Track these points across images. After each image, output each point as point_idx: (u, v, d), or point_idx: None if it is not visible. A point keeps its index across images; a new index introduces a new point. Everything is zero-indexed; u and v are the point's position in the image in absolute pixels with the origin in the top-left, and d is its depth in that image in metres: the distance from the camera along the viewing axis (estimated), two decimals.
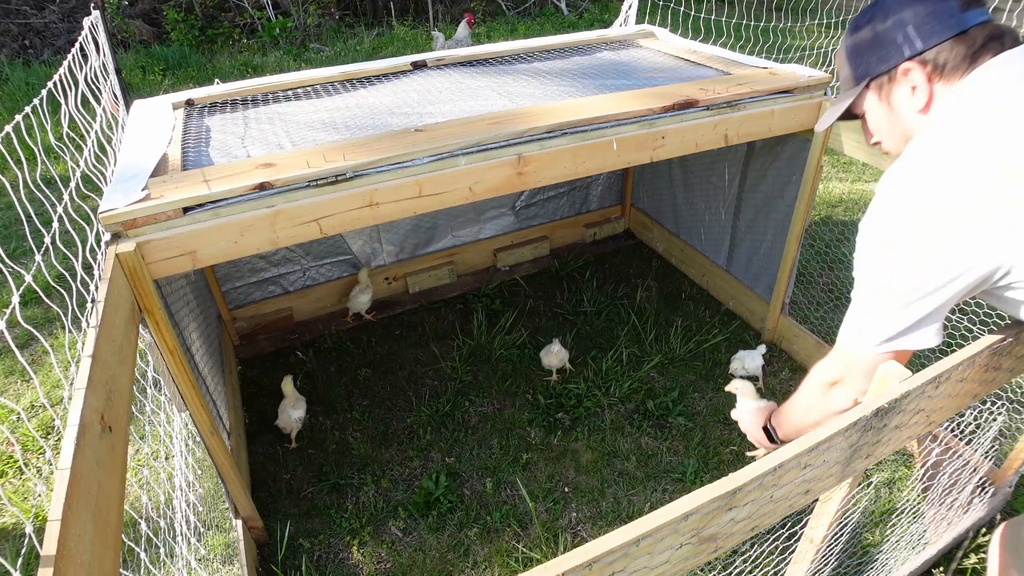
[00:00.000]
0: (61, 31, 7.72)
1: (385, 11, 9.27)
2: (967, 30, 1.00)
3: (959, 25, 1.00)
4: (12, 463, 2.49)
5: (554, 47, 2.96)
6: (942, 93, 1.03)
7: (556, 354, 2.75)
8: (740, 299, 3.16)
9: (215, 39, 8.18)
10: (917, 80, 1.03)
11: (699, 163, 3.18)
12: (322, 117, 2.16)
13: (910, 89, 1.05)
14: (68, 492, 0.90)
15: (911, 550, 1.93)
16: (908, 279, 0.94)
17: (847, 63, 1.15)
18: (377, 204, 1.74)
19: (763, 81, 2.26)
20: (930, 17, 1.01)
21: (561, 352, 2.76)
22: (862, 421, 0.94)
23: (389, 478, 2.43)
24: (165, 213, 1.55)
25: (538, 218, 3.70)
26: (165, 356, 1.64)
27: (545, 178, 1.94)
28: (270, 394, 2.83)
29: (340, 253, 3.21)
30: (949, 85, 1.02)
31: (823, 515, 1.27)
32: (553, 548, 2.13)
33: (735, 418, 1.62)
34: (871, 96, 1.13)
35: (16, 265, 1.64)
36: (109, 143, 2.31)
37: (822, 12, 7.77)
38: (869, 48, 1.09)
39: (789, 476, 0.90)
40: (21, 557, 1.75)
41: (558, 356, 2.76)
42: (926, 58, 1.02)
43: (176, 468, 2.09)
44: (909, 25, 1.03)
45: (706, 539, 0.87)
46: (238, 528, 2.07)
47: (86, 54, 2.61)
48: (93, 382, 1.11)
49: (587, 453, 2.50)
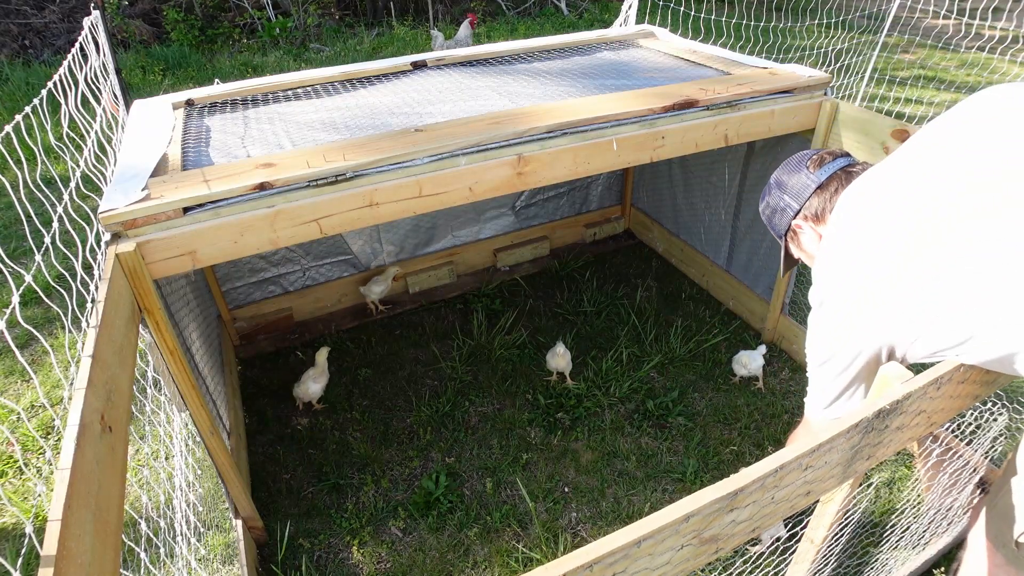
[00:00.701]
0: (61, 31, 7.72)
1: (385, 11, 9.27)
2: (822, 183, 1.37)
3: (816, 182, 1.38)
4: (12, 463, 2.49)
5: (554, 47, 2.96)
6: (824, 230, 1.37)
7: (562, 356, 2.74)
8: (740, 299, 3.16)
9: (215, 39, 8.18)
10: (806, 228, 1.42)
11: (699, 163, 3.18)
12: (322, 117, 2.16)
13: (807, 235, 1.44)
14: (68, 492, 0.90)
15: (911, 550, 1.93)
16: (832, 360, 1.28)
17: (769, 227, 1.55)
18: (377, 204, 1.74)
19: (763, 81, 2.26)
20: (796, 185, 1.42)
21: (566, 355, 2.75)
22: (863, 423, 0.93)
23: (389, 478, 2.43)
24: (165, 213, 1.55)
25: (538, 218, 3.70)
26: (165, 356, 1.64)
27: (545, 178, 1.94)
28: (270, 394, 2.83)
29: (340, 253, 3.21)
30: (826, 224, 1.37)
31: (824, 516, 1.27)
32: (553, 548, 2.13)
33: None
34: (792, 246, 1.52)
35: (16, 265, 1.64)
36: (109, 143, 2.31)
37: (822, 12, 7.77)
38: (772, 216, 1.50)
39: (790, 477, 0.90)
40: (21, 557, 1.75)
41: (564, 358, 2.75)
42: (805, 212, 1.41)
43: (176, 468, 2.09)
44: (785, 195, 1.44)
45: (707, 540, 0.87)
46: (238, 528, 2.06)
47: (86, 54, 2.61)
48: (93, 382, 1.10)
49: (587, 453, 2.50)
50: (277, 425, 2.67)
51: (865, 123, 2.17)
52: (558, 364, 2.78)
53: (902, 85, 5.96)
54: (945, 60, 7.17)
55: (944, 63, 7.08)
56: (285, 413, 2.73)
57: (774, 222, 1.50)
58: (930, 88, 6.01)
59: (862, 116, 2.18)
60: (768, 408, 2.65)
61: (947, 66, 6.95)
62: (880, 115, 2.13)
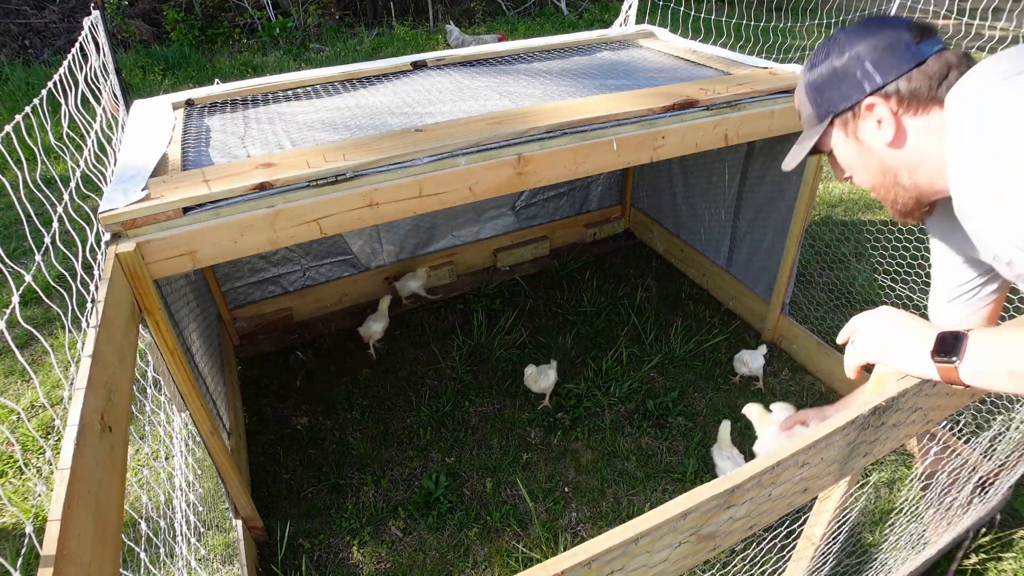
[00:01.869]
0: (61, 31, 7.73)
1: (385, 11, 9.28)
2: (924, 61, 1.01)
3: (915, 57, 1.01)
4: (12, 463, 2.50)
5: (554, 47, 2.96)
6: (913, 124, 1.03)
7: (549, 376, 2.62)
8: (740, 299, 3.16)
9: (215, 39, 8.19)
10: (882, 114, 1.04)
11: (699, 163, 3.18)
12: (322, 117, 2.17)
13: (876, 123, 1.05)
14: (68, 492, 0.90)
15: (911, 550, 1.93)
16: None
17: (808, 101, 1.14)
18: (377, 204, 1.74)
19: (763, 81, 2.26)
20: (887, 51, 1.02)
21: (553, 374, 2.64)
22: (860, 419, 0.94)
23: (389, 478, 2.43)
24: (165, 213, 1.55)
25: (538, 218, 3.70)
26: (165, 356, 1.65)
27: (545, 178, 1.94)
28: (270, 394, 2.84)
29: (340, 253, 3.21)
30: (916, 116, 1.03)
31: (822, 513, 1.27)
32: (553, 548, 2.13)
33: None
34: (837, 133, 1.12)
35: (16, 265, 1.64)
36: (109, 143, 2.32)
37: (822, 12, 7.77)
38: (829, 85, 1.08)
39: (787, 474, 0.90)
40: (21, 557, 1.76)
41: (550, 378, 2.63)
42: (888, 91, 1.02)
43: (176, 468, 2.10)
44: (866, 60, 1.03)
45: (704, 537, 0.87)
46: (238, 528, 2.07)
47: (86, 54, 2.61)
48: (93, 382, 1.11)
49: (587, 453, 2.50)
50: (277, 425, 2.67)
51: None
52: (543, 385, 2.65)
53: None
54: None
55: None
56: (285, 413, 2.74)
57: (829, 94, 1.09)
58: None
59: None
60: None
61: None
62: None
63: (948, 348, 0.91)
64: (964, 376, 0.90)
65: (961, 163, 0.94)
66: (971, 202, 0.93)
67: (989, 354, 0.88)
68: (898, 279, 3.11)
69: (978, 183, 0.90)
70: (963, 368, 0.89)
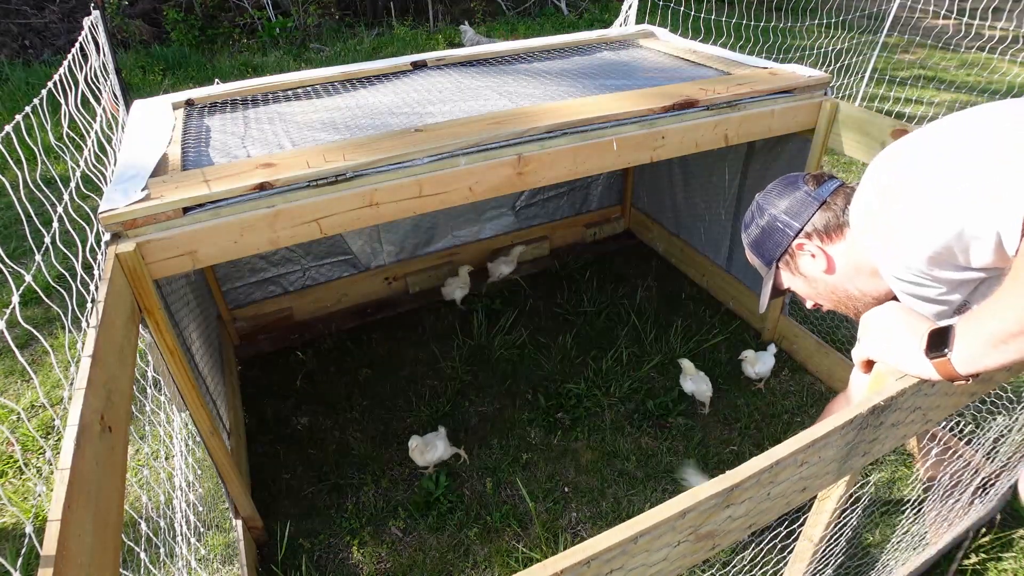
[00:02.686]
0: (61, 31, 7.73)
1: (385, 11, 9.28)
2: (825, 201, 1.27)
3: (817, 199, 1.28)
4: (12, 463, 2.50)
5: (554, 47, 2.96)
6: (836, 249, 1.27)
7: (437, 447, 2.36)
8: (740, 299, 3.16)
9: (215, 39, 8.19)
10: (812, 249, 1.29)
11: (699, 163, 3.18)
12: (322, 117, 2.17)
13: (810, 257, 1.30)
14: (68, 492, 0.90)
15: (912, 551, 1.93)
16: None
17: (754, 255, 1.41)
18: (377, 204, 1.74)
19: (763, 81, 2.26)
20: (794, 203, 1.31)
21: (442, 445, 2.36)
22: (859, 419, 0.94)
23: (389, 478, 2.43)
24: (165, 213, 1.55)
25: (538, 218, 3.70)
26: (165, 356, 1.65)
27: (545, 178, 1.94)
28: (270, 394, 2.84)
29: (340, 253, 3.21)
30: (836, 242, 1.27)
31: (821, 513, 1.27)
32: (553, 548, 2.13)
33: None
34: (784, 273, 1.38)
35: (16, 265, 1.64)
36: (109, 143, 2.32)
37: (822, 12, 7.77)
38: (763, 240, 1.36)
39: (786, 473, 0.91)
40: (21, 557, 1.76)
41: (438, 450, 2.35)
42: (808, 231, 1.28)
43: (176, 468, 2.10)
44: (781, 214, 1.32)
45: (703, 536, 0.87)
46: (238, 528, 2.07)
47: (86, 54, 2.62)
48: (93, 382, 1.11)
49: (587, 453, 2.50)
50: (277, 425, 2.68)
51: (865, 123, 2.17)
52: (429, 458, 2.34)
53: (902, 85, 5.96)
54: (945, 60, 7.18)
55: (944, 63, 7.09)
56: (285, 413, 2.74)
57: (765, 247, 1.36)
58: (930, 88, 6.01)
59: (862, 116, 2.19)
60: (768, 408, 2.66)
61: (947, 66, 6.95)
62: (880, 115, 2.14)
63: (940, 342, 0.94)
64: (958, 365, 0.91)
65: (873, 233, 1.10)
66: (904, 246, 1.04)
67: (972, 333, 0.90)
68: None
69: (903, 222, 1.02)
70: (955, 357, 0.91)
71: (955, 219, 0.92)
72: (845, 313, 1.36)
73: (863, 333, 1.10)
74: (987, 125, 0.97)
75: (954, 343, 0.92)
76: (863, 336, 1.10)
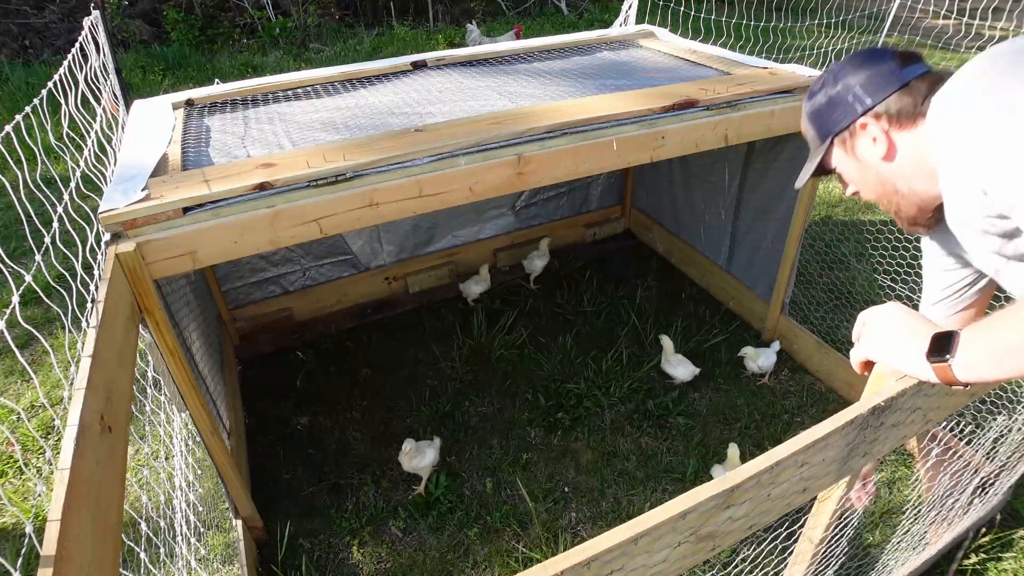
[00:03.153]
0: (61, 31, 7.73)
1: (385, 11, 9.28)
2: (908, 83, 1.14)
3: (900, 80, 1.14)
4: (12, 463, 2.50)
5: (554, 47, 2.96)
6: (902, 138, 1.15)
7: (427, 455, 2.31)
8: (740, 299, 3.16)
9: (215, 39, 8.19)
10: (875, 132, 1.16)
11: (699, 163, 3.18)
12: (322, 117, 2.17)
13: (871, 140, 1.17)
14: (68, 492, 0.90)
15: (912, 551, 1.93)
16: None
17: (810, 125, 1.28)
18: (377, 204, 1.74)
19: (763, 81, 2.26)
20: (874, 77, 1.17)
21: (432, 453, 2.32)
22: (859, 419, 0.94)
23: (389, 478, 2.43)
24: (165, 213, 1.55)
25: (538, 218, 3.70)
26: (165, 356, 1.65)
27: (545, 178, 1.94)
28: (270, 394, 2.84)
29: (340, 253, 3.21)
30: (905, 131, 1.15)
31: (821, 514, 1.27)
32: (553, 548, 2.13)
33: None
34: (837, 151, 1.26)
35: (16, 265, 1.64)
36: (109, 143, 2.32)
37: (822, 12, 7.76)
38: (826, 110, 1.23)
39: (786, 474, 0.90)
40: (21, 557, 1.75)
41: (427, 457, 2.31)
42: (878, 111, 1.15)
43: (176, 468, 2.10)
44: (857, 87, 1.18)
45: (704, 537, 0.87)
46: (238, 528, 2.07)
47: (86, 54, 2.61)
48: (93, 382, 1.11)
49: (587, 453, 2.50)
50: (277, 425, 2.68)
51: None
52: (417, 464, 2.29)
53: None
54: (945, 60, 7.17)
55: (944, 63, 7.08)
56: (285, 413, 2.74)
57: (827, 119, 1.23)
58: None
59: None
60: (768, 408, 2.66)
61: (947, 66, 6.87)
62: None
63: (942, 347, 0.94)
64: (958, 371, 0.91)
65: (945, 150, 1.01)
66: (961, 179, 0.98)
67: (976, 343, 0.91)
68: (898, 279, 3.10)
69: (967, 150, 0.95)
70: (955, 363, 0.91)
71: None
72: (885, 209, 1.26)
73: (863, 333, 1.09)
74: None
75: (957, 349, 0.91)
76: (862, 336, 1.09)
